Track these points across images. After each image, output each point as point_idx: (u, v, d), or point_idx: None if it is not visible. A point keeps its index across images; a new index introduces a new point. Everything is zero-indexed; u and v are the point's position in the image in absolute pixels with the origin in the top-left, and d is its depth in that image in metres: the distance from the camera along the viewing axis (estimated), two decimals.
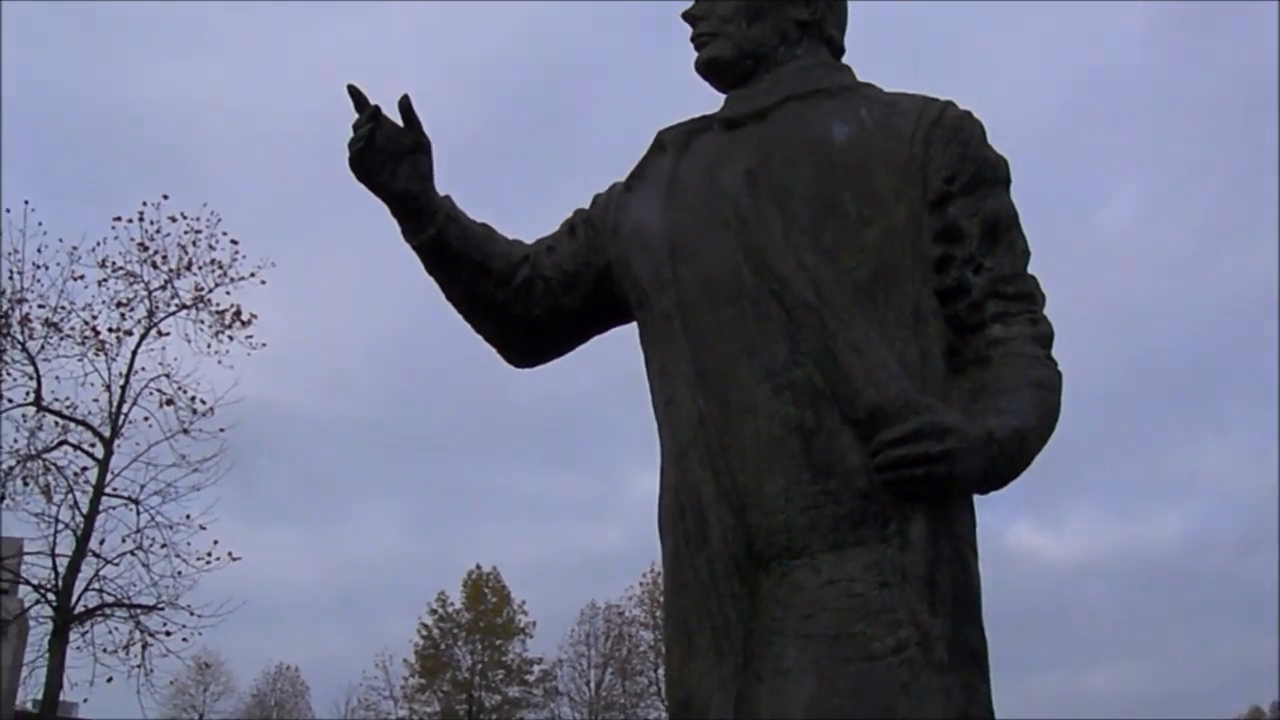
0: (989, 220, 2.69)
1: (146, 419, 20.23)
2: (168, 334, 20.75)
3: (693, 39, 2.97)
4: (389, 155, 2.88)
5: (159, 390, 20.28)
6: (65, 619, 18.50)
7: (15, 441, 19.46)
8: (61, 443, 19.66)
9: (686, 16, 2.99)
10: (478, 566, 54.68)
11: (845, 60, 3.00)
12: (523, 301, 3.01)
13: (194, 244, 20.85)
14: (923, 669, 2.33)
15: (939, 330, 2.61)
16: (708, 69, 2.94)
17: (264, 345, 21.05)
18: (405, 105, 2.89)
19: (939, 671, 2.33)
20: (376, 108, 2.87)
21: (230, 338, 20.76)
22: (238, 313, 20.85)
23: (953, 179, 2.67)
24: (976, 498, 2.60)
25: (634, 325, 2.93)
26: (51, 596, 18.80)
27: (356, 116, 2.89)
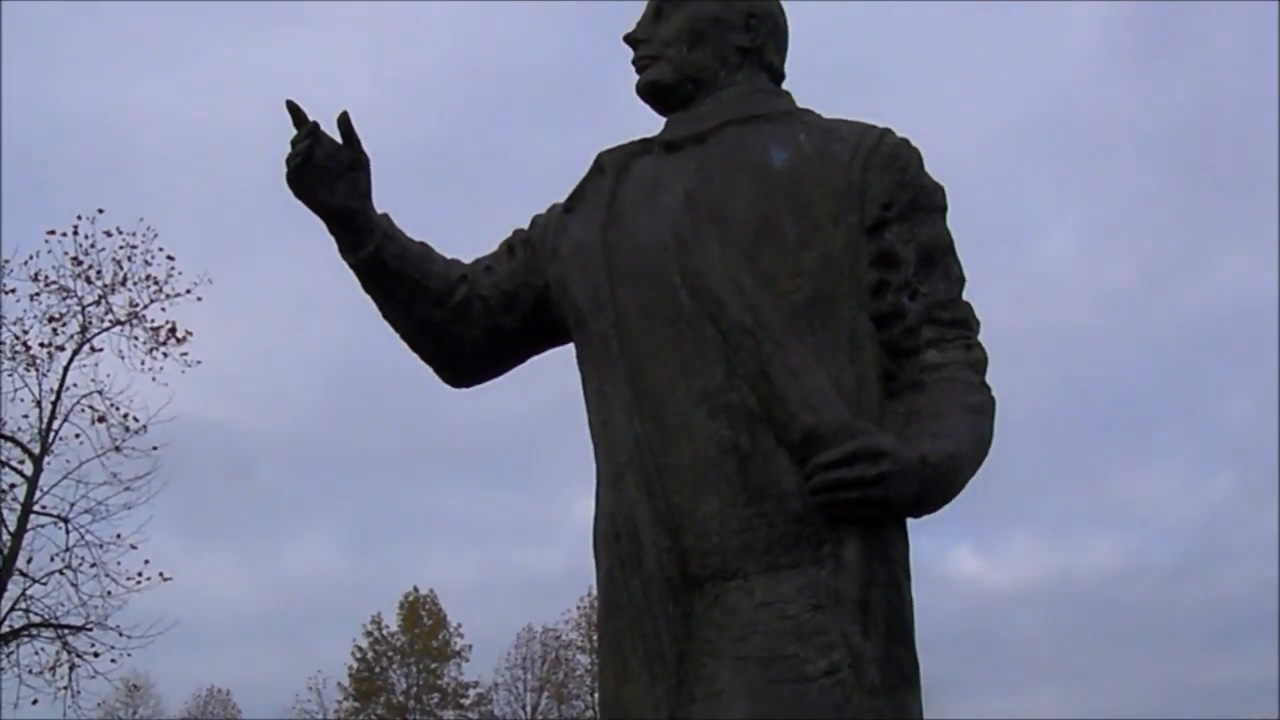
0: (925, 247, 2.71)
1: (78, 436, 19.92)
2: (101, 350, 20.48)
3: (634, 62, 2.99)
4: (327, 172, 2.87)
5: (91, 407, 19.99)
6: None
7: None
8: None
9: (629, 39, 3.01)
10: (414, 589, 54.21)
11: (786, 86, 3.02)
12: (460, 321, 3.01)
13: (129, 259, 20.62)
14: (855, 691, 2.34)
15: (874, 355, 2.63)
16: (648, 92, 2.96)
17: (199, 363, 20.82)
18: (344, 122, 2.88)
19: (871, 694, 2.35)
20: (315, 124, 2.86)
21: (165, 354, 20.53)
22: (173, 329, 20.63)
23: (890, 205, 2.69)
24: (917, 524, 2.62)
25: (573, 346, 2.92)
26: None
27: (295, 133, 2.87)
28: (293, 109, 2.87)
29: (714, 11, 2.93)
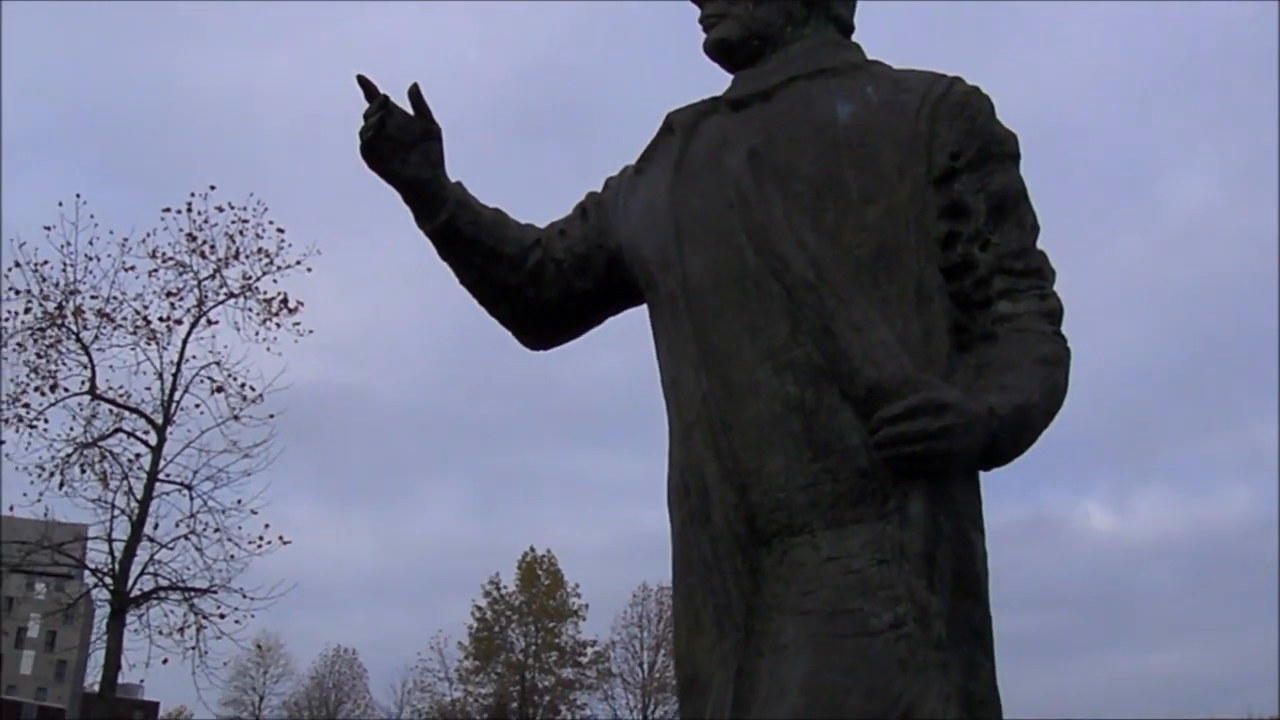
0: (996, 196, 2.68)
1: (198, 406, 20.57)
2: (217, 322, 21.05)
3: (701, 20, 2.98)
4: (399, 143, 2.93)
5: (209, 378, 20.60)
6: (122, 602, 18.86)
7: (72, 430, 19.89)
8: (116, 430, 20.05)
9: None
10: (531, 549, 55.00)
11: (855, 37, 2.98)
12: (535, 285, 3.05)
13: (241, 233, 21.14)
14: (920, 645, 2.33)
15: (943, 307, 2.61)
16: (716, 50, 2.95)
17: (311, 332, 21.31)
18: (415, 93, 2.94)
19: (936, 648, 2.34)
20: (385, 97, 2.92)
21: (278, 325, 21.02)
22: (284, 300, 21.09)
23: (958, 155, 2.66)
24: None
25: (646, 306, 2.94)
26: (109, 581, 19.17)
27: (366, 106, 2.93)
28: (363, 83, 2.93)
29: None
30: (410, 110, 2.96)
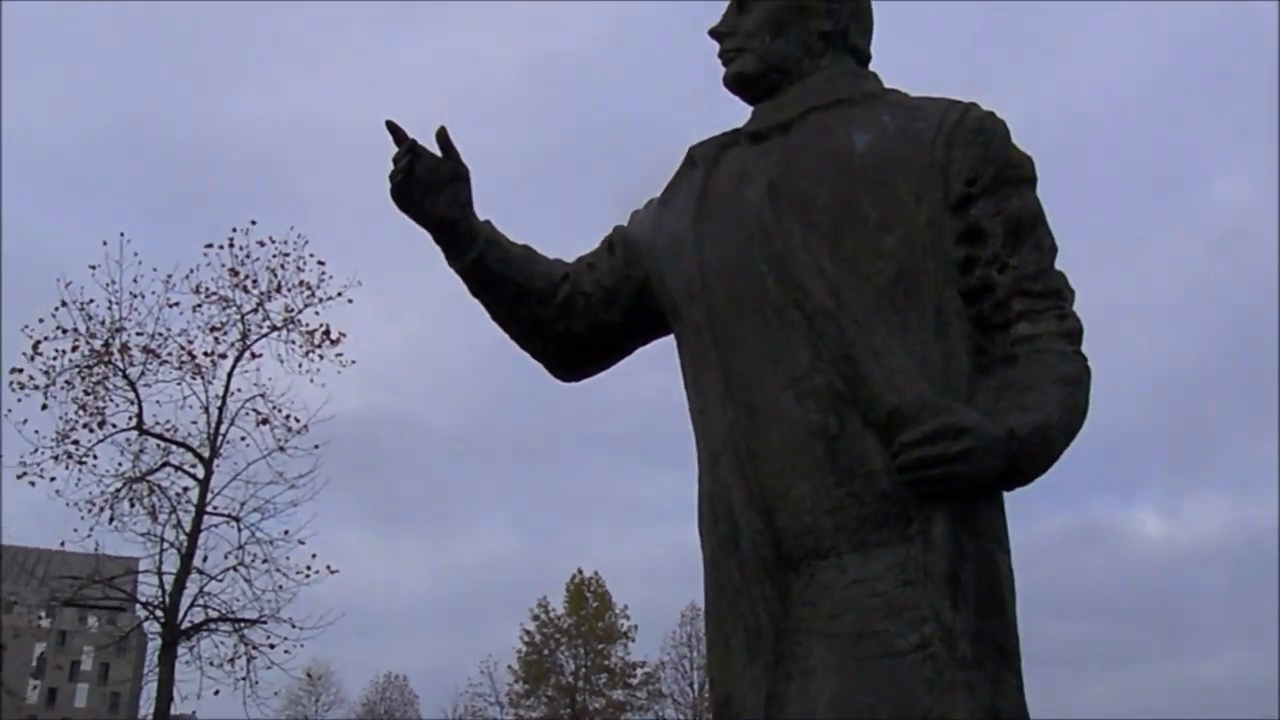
0: (1013, 219, 2.71)
1: (244, 438, 20.73)
2: (260, 355, 21.24)
3: (720, 55, 3.04)
4: (429, 185, 3.00)
5: (254, 410, 20.77)
6: (173, 634, 19.02)
7: (120, 465, 20.09)
8: (164, 464, 20.24)
9: (713, 33, 3.05)
10: (579, 571, 54.99)
11: (872, 66, 3.03)
12: (565, 319, 3.11)
13: (282, 267, 21.32)
14: (946, 665, 2.36)
15: (963, 331, 2.64)
16: (735, 83, 3.00)
17: (354, 362, 21.47)
18: (443, 137, 3.00)
19: (963, 667, 2.36)
20: (413, 141, 2.98)
21: (321, 356, 21.18)
22: (327, 332, 21.26)
23: (974, 180, 2.70)
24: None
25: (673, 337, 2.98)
26: (159, 613, 19.35)
27: (395, 150, 3.00)
28: (392, 128, 3.00)
29: None
30: (439, 152, 3.01)
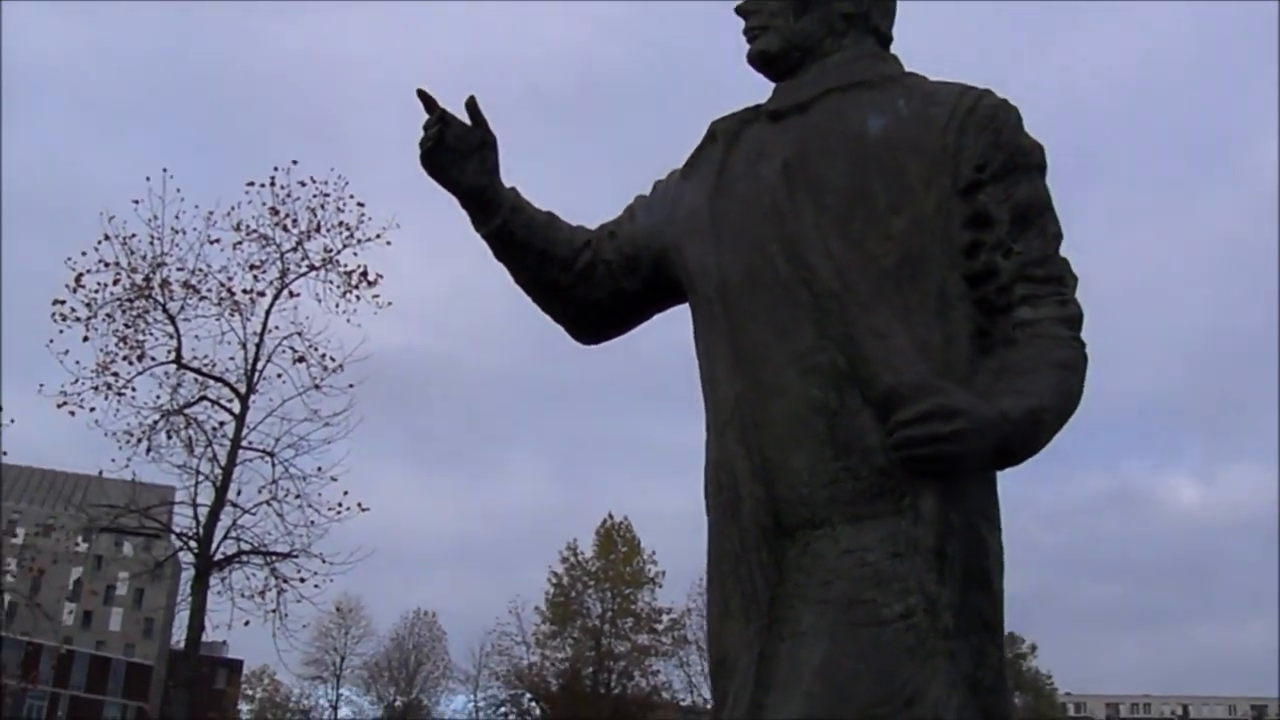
0: (1020, 206, 2.77)
1: (280, 375, 21.11)
2: (298, 295, 21.51)
3: (745, 31, 3.09)
4: (457, 153, 3.09)
5: (291, 348, 21.10)
6: (206, 565, 19.44)
7: (158, 397, 20.49)
8: (201, 398, 20.65)
9: (739, 11, 3.11)
10: (610, 515, 55.46)
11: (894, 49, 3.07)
12: (585, 285, 3.21)
13: (322, 207, 21.54)
14: (929, 634, 2.47)
15: (966, 313, 2.72)
16: (758, 61, 3.07)
17: (390, 304, 21.69)
18: (472, 105, 3.09)
19: (944, 637, 2.47)
20: (443, 110, 3.08)
21: (358, 297, 21.40)
22: (364, 273, 21.46)
23: (984, 167, 2.76)
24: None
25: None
26: (193, 544, 19.75)
27: (426, 118, 3.09)
28: (423, 97, 3.09)
29: None
30: (468, 121, 3.10)
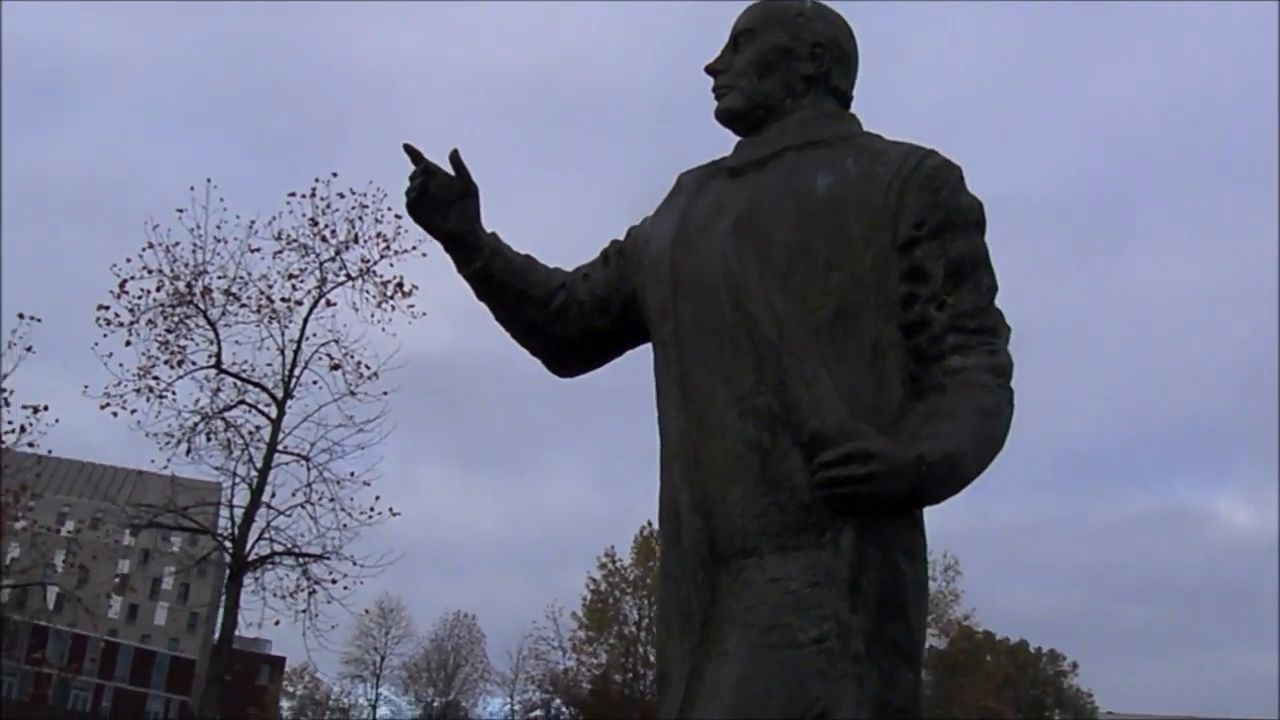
0: (954, 261, 2.94)
1: (316, 382, 21.51)
2: (335, 303, 21.89)
3: (713, 90, 3.30)
4: (441, 201, 3.32)
5: (328, 355, 21.50)
6: (240, 564, 19.86)
7: (198, 401, 20.93)
8: (239, 402, 21.07)
9: (709, 70, 3.32)
10: (649, 523, 55.46)
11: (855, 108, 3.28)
12: (559, 323, 3.43)
13: (360, 219, 21.91)
14: (839, 658, 2.67)
15: (899, 361, 2.91)
16: (724, 118, 3.27)
17: (424, 314, 22.00)
18: (455, 158, 3.32)
19: (854, 661, 2.67)
20: (427, 163, 3.32)
21: (393, 307, 21.75)
22: (400, 284, 21.81)
23: (921, 224, 2.93)
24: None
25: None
26: (228, 543, 20.20)
27: (412, 169, 3.32)
28: (409, 151, 3.34)
29: (782, 42, 3.19)
30: (451, 171, 3.33)
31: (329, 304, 21.76)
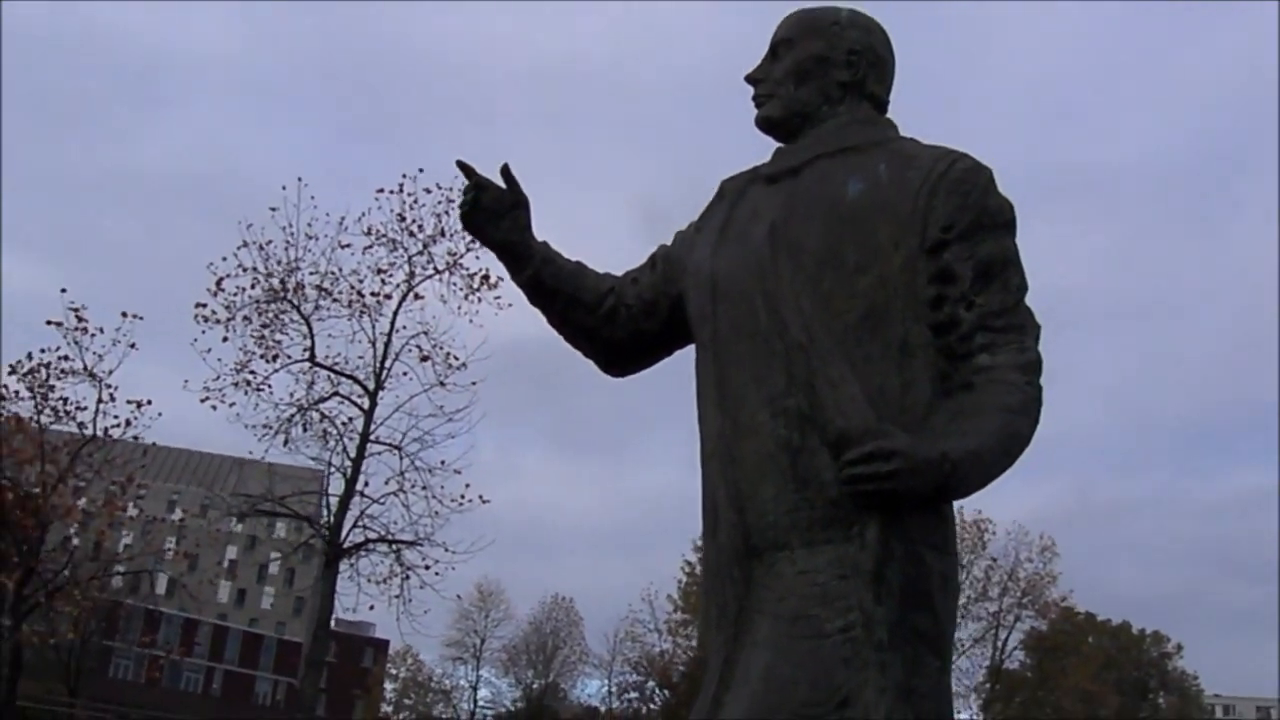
0: (983, 263, 3.04)
1: (406, 373, 21.99)
2: (424, 296, 22.30)
3: (753, 99, 3.43)
4: (493, 213, 3.51)
5: (418, 347, 21.94)
6: (336, 552, 20.39)
7: (293, 393, 21.52)
8: (333, 394, 21.64)
9: (749, 79, 3.45)
10: None
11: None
12: (608, 326, 3.61)
13: (447, 213, 22.26)
14: (863, 646, 2.79)
15: (927, 360, 3.01)
16: (764, 126, 3.40)
17: (510, 305, 22.34)
18: (506, 172, 3.52)
19: (878, 649, 2.78)
20: (480, 177, 3.51)
21: (479, 299, 22.11)
22: (485, 276, 22.14)
23: (950, 227, 3.03)
24: None
25: None
26: (325, 531, 20.76)
27: (465, 184, 3.52)
28: (462, 167, 3.53)
29: (819, 51, 3.30)
30: (503, 184, 3.52)
31: (417, 297, 22.24)
